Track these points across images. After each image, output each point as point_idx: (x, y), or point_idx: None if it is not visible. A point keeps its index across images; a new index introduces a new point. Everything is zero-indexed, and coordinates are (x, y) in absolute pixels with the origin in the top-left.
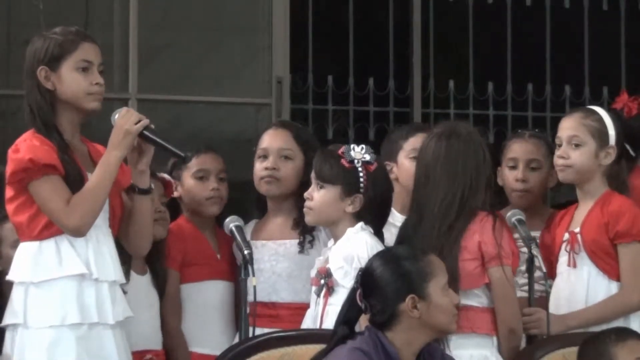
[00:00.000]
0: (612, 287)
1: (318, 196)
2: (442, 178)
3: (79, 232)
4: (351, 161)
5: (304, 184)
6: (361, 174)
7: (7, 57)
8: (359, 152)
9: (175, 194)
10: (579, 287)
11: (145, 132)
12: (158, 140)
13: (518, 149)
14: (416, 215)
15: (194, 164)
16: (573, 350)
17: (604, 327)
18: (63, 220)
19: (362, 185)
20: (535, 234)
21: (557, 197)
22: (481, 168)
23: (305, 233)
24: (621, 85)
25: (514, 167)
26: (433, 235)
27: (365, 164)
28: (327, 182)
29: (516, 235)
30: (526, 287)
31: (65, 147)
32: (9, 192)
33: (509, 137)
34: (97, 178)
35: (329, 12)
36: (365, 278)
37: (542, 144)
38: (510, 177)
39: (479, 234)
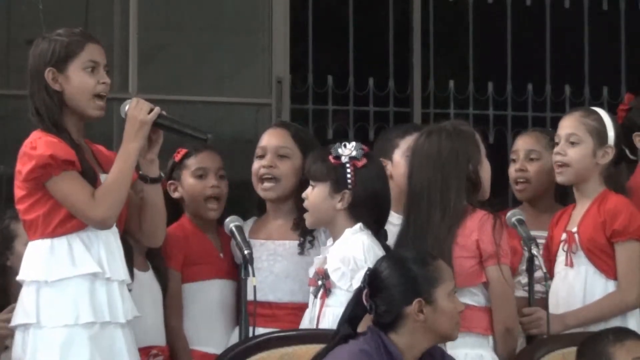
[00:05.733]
0: (610, 286)
1: (310, 195)
2: (422, 174)
3: (105, 224)
4: (337, 157)
5: (303, 184)
6: (348, 170)
7: (7, 57)
8: (347, 149)
9: (177, 195)
10: (576, 286)
11: (160, 120)
12: (174, 126)
13: (519, 142)
14: (407, 215)
15: (193, 163)
16: (573, 350)
17: (602, 326)
18: (89, 213)
19: (349, 180)
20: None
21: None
22: (461, 163)
23: (306, 234)
24: (621, 85)
25: (514, 161)
26: (422, 234)
27: (353, 159)
28: (316, 180)
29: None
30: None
31: (77, 147)
32: (20, 191)
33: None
34: (119, 170)
35: (329, 12)
36: (373, 278)
37: (543, 136)
38: (511, 170)
39: (478, 233)
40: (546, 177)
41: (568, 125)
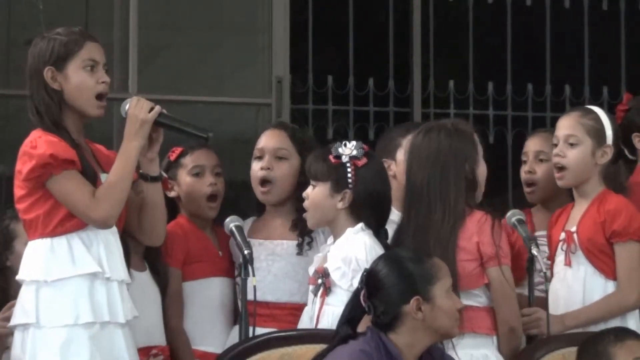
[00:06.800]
0: (609, 286)
1: (311, 195)
2: (421, 171)
3: (106, 224)
4: (338, 157)
5: (302, 185)
6: (349, 169)
7: (7, 57)
8: (347, 148)
9: (173, 194)
10: (575, 286)
11: (160, 119)
12: (175, 124)
13: (529, 143)
14: (407, 211)
15: (189, 162)
16: (573, 350)
17: (602, 326)
18: (89, 212)
19: (350, 180)
20: None
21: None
22: (459, 162)
23: (304, 234)
24: (621, 85)
25: (525, 162)
26: (423, 232)
27: (353, 159)
28: (317, 179)
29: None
30: (539, 286)
31: (77, 146)
32: (20, 191)
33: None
34: (120, 170)
35: (329, 12)
36: (370, 279)
37: (552, 137)
38: (521, 171)
39: (478, 235)
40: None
41: (566, 125)
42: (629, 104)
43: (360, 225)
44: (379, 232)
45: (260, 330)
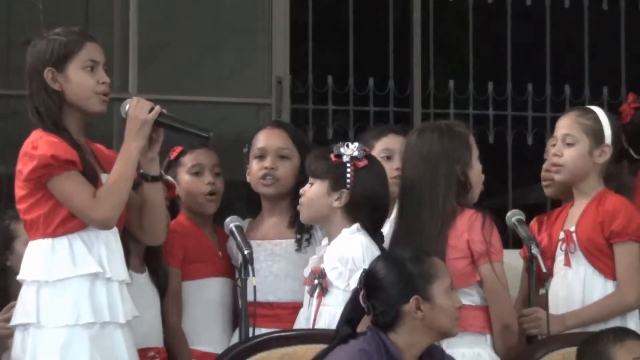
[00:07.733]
0: (608, 286)
1: (308, 191)
2: (412, 171)
3: (107, 225)
4: (339, 156)
5: (300, 184)
6: (348, 169)
7: (7, 57)
8: (349, 149)
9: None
10: (575, 286)
11: (161, 119)
12: (175, 124)
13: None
14: (399, 211)
15: (188, 160)
16: (573, 350)
17: (602, 326)
18: (91, 214)
19: (348, 180)
20: None
21: None
22: (450, 163)
23: (302, 231)
24: (621, 85)
25: (546, 160)
26: (412, 231)
27: (354, 159)
28: (316, 177)
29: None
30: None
31: (77, 147)
32: (21, 191)
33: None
34: (120, 170)
35: (329, 12)
36: (369, 279)
37: None
38: (543, 168)
39: (468, 232)
40: None
41: (564, 125)
42: (638, 102)
43: (356, 225)
44: (375, 235)
45: (264, 331)
